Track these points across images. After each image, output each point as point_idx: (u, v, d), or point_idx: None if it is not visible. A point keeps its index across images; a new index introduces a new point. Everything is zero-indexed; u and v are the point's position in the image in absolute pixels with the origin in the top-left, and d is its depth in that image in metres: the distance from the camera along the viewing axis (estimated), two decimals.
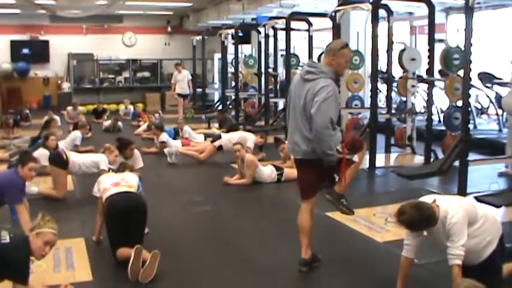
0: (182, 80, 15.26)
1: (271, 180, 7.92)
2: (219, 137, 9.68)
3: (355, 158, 4.49)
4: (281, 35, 13.20)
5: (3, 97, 18.94)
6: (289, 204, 6.22)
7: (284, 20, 11.86)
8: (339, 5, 9.36)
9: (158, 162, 9.62)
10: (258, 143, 9.55)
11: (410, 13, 12.29)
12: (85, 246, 5.21)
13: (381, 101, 11.70)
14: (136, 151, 8.16)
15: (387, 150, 10.16)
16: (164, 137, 10.42)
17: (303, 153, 4.40)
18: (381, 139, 10.09)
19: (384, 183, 8.32)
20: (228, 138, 9.37)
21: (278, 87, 14.47)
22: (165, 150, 9.66)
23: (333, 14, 9.37)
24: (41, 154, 8.36)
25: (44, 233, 3.69)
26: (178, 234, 5.74)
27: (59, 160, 7.18)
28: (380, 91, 12.26)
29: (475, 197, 6.00)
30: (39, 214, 3.84)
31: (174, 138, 11.10)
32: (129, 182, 5.07)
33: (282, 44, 13.27)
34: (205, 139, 11.28)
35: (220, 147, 9.43)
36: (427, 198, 3.87)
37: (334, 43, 4.57)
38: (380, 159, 9.52)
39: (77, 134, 10.60)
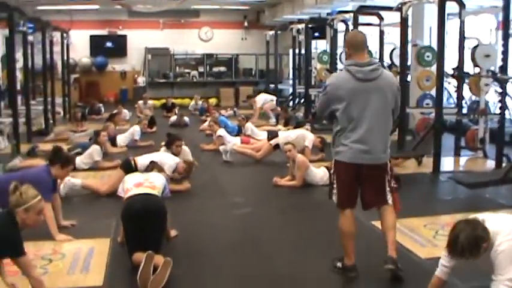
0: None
1: (323, 183, 7.39)
2: (276, 135, 9.33)
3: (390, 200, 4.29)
4: None
5: (82, 90, 19.44)
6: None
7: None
8: None
9: (213, 160, 9.33)
10: (316, 144, 9.07)
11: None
12: (108, 247, 5.01)
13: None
14: (185, 148, 7.97)
15: (457, 153, 9.44)
16: (221, 132, 10.14)
17: (385, 157, 4.25)
18: (450, 140, 9.44)
19: (446, 189, 7.54)
20: (285, 137, 8.94)
21: None
22: (220, 148, 9.39)
23: (400, 6, 8.78)
24: (94, 149, 8.42)
25: (32, 205, 3.50)
26: (207, 238, 5.44)
27: (127, 167, 6.96)
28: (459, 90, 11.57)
29: None
30: (11, 187, 3.55)
31: (238, 135, 10.86)
32: (153, 182, 4.86)
33: None
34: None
35: (277, 146, 9.02)
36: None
37: (357, 36, 4.36)
38: (448, 163, 8.88)
39: (135, 129, 10.59)
